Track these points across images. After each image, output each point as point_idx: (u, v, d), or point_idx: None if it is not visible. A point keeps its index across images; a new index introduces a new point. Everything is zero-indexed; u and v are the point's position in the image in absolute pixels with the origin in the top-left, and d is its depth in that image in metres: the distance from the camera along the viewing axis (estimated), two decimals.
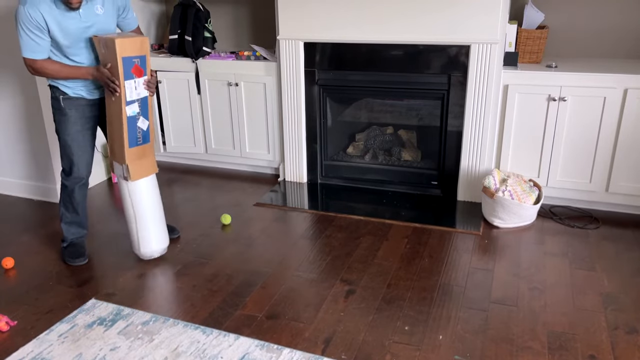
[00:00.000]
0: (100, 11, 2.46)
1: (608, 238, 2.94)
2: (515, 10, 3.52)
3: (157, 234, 2.75)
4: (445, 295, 2.44)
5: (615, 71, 2.99)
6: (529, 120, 3.17)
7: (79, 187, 2.73)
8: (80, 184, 2.73)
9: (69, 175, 2.69)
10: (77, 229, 2.84)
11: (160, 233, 2.77)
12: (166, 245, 2.82)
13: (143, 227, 2.70)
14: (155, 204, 2.72)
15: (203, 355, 2.08)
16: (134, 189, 2.64)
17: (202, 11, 3.80)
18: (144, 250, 2.74)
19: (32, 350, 2.14)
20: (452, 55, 3.16)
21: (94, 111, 2.66)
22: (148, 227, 2.71)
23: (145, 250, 2.75)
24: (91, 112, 2.65)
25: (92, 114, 2.66)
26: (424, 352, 2.08)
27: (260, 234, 3.07)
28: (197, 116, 3.97)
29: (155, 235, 2.74)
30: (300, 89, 3.56)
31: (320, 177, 3.78)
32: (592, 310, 2.32)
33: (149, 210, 2.69)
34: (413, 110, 3.65)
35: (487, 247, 2.87)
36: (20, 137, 3.51)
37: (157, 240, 2.76)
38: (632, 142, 3.02)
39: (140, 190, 2.65)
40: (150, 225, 2.71)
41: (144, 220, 2.69)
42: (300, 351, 2.09)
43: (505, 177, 3.15)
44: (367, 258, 2.77)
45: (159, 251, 2.79)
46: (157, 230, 2.75)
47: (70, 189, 2.73)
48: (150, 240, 2.73)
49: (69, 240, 2.82)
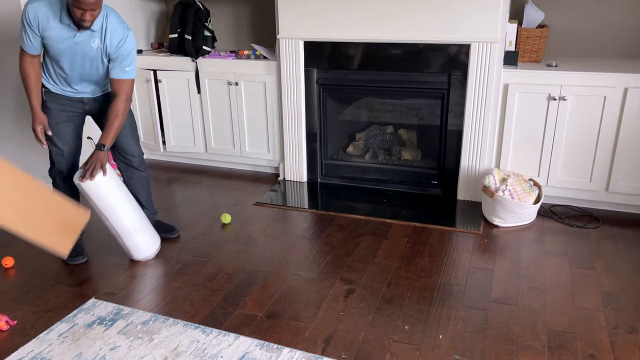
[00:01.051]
0: (94, 45, 2.44)
1: (608, 237, 2.94)
2: (515, 9, 3.52)
3: (144, 238, 2.72)
4: (445, 294, 2.44)
5: (615, 70, 2.99)
6: (529, 119, 3.16)
7: (60, 179, 2.73)
8: (61, 177, 2.72)
9: (50, 168, 2.73)
10: None
11: (147, 236, 2.74)
12: (158, 245, 2.82)
13: (128, 237, 2.68)
14: (130, 211, 2.64)
15: (203, 355, 2.08)
16: (105, 206, 2.56)
17: (202, 10, 3.80)
18: (137, 257, 2.76)
19: (32, 350, 2.14)
20: (452, 54, 3.16)
21: (77, 107, 2.64)
22: (133, 236, 2.68)
23: (139, 258, 2.76)
24: (73, 108, 2.63)
25: (74, 110, 2.64)
26: (424, 352, 2.08)
27: (260, 233, 3.07)
28: (197, 115, 3.97)
29: (143, 240, 2.72)
30: (300, 88, 3.56)
31: (320, 177, 3.78)
32: (592, 309, 2.32)
33: (126, 219, 2.63)
34: (413, 110, 3.65)
35: (487, 247, 2.87)
36: (18, 135, 3.51)
37: (147, 245, 2.75)
38: (632, 142, 3.01)
39: (112, 205, 2.57)
40: (134, 233, 2.67)
41: (126, 231, 2.65)
42: (300, 350, 2.09)
43: (505, 177, 3.15)
44: (367, 257, 2.77)
45: (152, 254, 2.79)
46: (143, 235, 2.71)
47: (54, 182, 2.75)
48: (140, 247, 2.72)
49: None
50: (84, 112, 2.68)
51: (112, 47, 2.44)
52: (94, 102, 2.67)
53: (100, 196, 2.54)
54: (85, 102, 2.65)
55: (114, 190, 2.58)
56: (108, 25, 2.41)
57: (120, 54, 2.47)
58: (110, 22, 2.42)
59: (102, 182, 2.53)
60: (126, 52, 2.48)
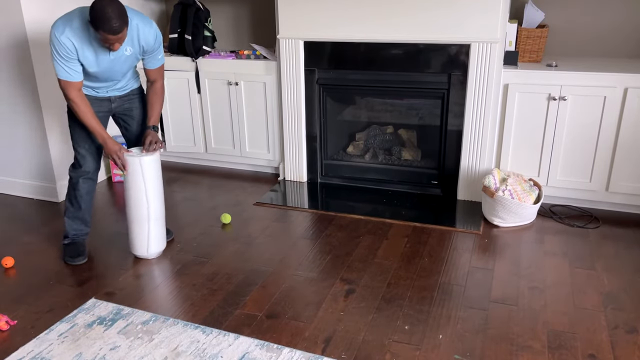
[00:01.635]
0: (128, 52, 2.52)
1: (608, 237, 2.94)
2: (515, 9, 3.52)
3: (164, 230, 2.82)
4: (445, 294, 2.44)
5: (615, 70, 2.99)
6: (529, 119, 3.16)
7: (83, 179, 2.74)
8: (84, 177, 2.74)
9: (75, 168, 2.73)
10: (79, 225, 2.84)
11: (164, 230, 2.83)
12: (165, 243, 2.86)
13: (156, 224, 2.72)
14: (163, 198, 2.78)
15: (203, 355, 2.08)
16: (152, 185, 2.65)
17: (202, 10, 3.80)
18: (154, 249, 2.77)
19: (32, 350, 2.14)
20: (452, 54, 3.16)
21: (104, 106, 2.68)
22: (161, 223, 2.75)
23: (155, 250, 2.78)
24: (100, 107, 2.67)
25: (101, 109, 2.68)
26: (424, 352, 2.08)
27: (260, 234, 3.07)
28: (197, 115, 3.97)
29: (164, 231, 2.82)
30: (300, 88, 3.56)
31: (320, 177, 3.78)
32: (592, 309, 2.32)
33: (161, 206, 2.73)
34: (413, 110, 3.65)
35: (487, 247, 2.87)
36: (21, 137, 3.51)
37: (163, 238, 2.82)
38: (632, 142, 3.01)
39: (155, 187, 2.67)
40: (162, 219, 2.76)
41: (157, 217, 2.71)
42: (300, 350, 2.09)
43: (505, 177, 3.15)
44: (367, 257, 2.77)
45: (161, 251, 2.83)
46: (164, 226, 2.82)
47: (74, 181, 2.75)
48: (159, 238, 2.77)
49: (71, 236, 2.83)
50: (110, 110, 2.72)
51: (149, 46, 2.56)
52: (120, 101, 2.72)
53: (153, 174, 2.65)
54: (112, 100, 2.70)
55: (159, 173, 2.70)
56: (139, 31, 2.48)
57: (155, 49, 2.60)
58: (139, 27, 2.48)
59: (158, 160, 2.68)
60: (158, 44, 2.61)
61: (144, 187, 2.63)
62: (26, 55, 3.26)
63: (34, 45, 3.25)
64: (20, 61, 3.30)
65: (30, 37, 3.22)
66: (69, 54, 2.38)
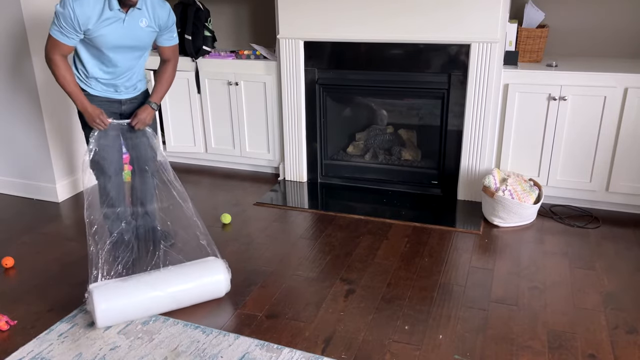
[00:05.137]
0: (143, 24, 2.48)
1: (608, 237, 2.94)
2: (515, 9, 3.52)
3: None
4: (445, 294, 2.44)
5: (615, 70, 2.99)
6: (529, 119, 3.16)
7: (111, 185, 2.70)
8: (110, 181, 2.70)
9: (99, 176, 2.68)
10: (117, 223, 2.77)
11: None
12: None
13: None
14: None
15: (203, 355, 2.08)
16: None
17: (202, 10, 3.80)
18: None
19: (32, 350, 2.14)
20: (452, 54, 3.16)
21: (114, 107, 2.64)
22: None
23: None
24: (110, 108, 2.63)
25: (111, 109, 2.64)
26: (424, 352, 2.08)
27: (260, 234, 3.07)
28: (197, 115, 3.97)
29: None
30: (300, 88, 3.56)
31: (320, 177, 3.78)
32: (592, 309, 2.32)
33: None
34: (413, 110, 3.65)
35: (487, 247, 2.87)
36: (20, 136, 3.51)
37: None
38: (632, 142, 3.01)
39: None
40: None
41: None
42: (300, 351, 2.09)
43: (505, 177, 3.15)
44: (367, 257, 2.77)
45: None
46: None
47: (103, 184, 2.71)
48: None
49: (112, 234, 2.74)
50: (120, 113, 2.68)
51: (163, 20, 2.53)
52: (130, 104, 2.68)
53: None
54: (122, 102, 2.66)
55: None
56: (154, 6, 2.48)
57: (169, 24, 2.58)
58: (153, 2, 2.48)
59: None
60: (172, 20, 2.59)
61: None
62: (26, 56, 3.26)
63: (33, 39, 3.23)
64: (19, 60, 3.29)
65: (29, 35, 3.22)
66: (74, 19, 2.31)
